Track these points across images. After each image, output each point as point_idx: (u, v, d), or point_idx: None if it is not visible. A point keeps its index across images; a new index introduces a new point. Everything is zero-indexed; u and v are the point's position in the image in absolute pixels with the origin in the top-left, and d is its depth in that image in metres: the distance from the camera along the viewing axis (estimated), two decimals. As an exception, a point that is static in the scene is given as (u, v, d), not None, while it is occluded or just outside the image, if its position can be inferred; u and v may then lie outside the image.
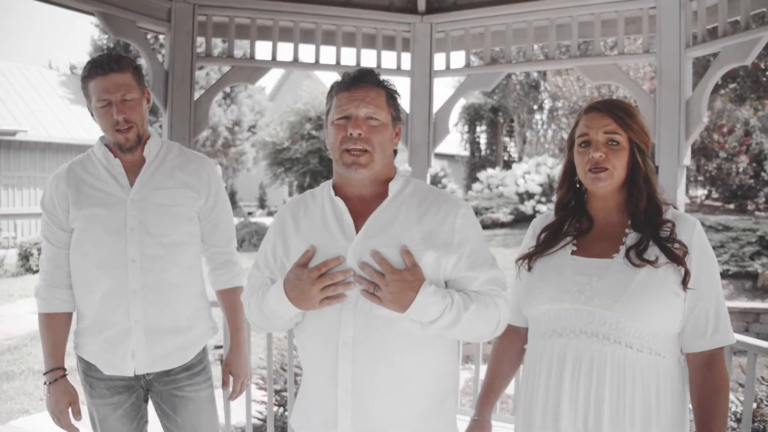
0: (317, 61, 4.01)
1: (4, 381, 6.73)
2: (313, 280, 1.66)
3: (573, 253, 1.88)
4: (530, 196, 17.10)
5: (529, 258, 1.94)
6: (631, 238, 1.82)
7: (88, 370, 2.34)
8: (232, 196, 24.50)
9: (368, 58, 3.97)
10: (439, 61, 4.08)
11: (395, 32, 4.08)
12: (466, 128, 24.82)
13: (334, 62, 4.00)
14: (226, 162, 23.30)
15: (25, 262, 13.78)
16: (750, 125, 15.95)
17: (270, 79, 32.41)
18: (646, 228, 1.81)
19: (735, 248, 10.30)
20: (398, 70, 4.06)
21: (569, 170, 1.96)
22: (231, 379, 2.57)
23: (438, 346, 1.75)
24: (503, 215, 16.45)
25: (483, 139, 25.32)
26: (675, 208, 1.89)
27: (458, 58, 4.05)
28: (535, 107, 23.09)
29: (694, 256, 1.77)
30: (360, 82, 1.77)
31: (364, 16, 3.99)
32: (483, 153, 25.17)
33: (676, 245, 1.77)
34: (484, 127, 25.08)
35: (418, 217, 1.75)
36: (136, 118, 2.25)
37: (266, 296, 1.78)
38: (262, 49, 3.94)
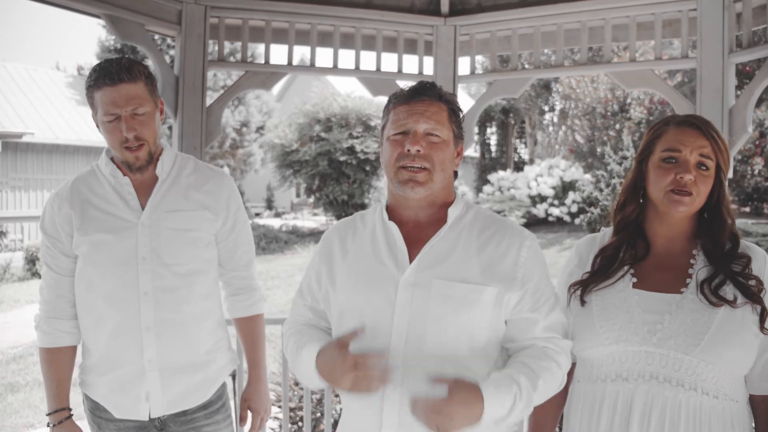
0: (335, 66, 3.80)
1: (9, 393, 6.55)
2: (348, 367, 1.47)
3: (634, 285, 1.70)
4: (543, 198, 16.93)
5: (583, 288, 1.75)
6: (702, 271, 1.65)
7: (96, 410, 2.11)
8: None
9: (389, 62, 3.77)
10: (463, 65, 3.88)
11: (417, 35, 3.88)
12: (476, 130, 24.64)
13: (353, 67, 3.80)
14: (233, 163, 23.16)
15: (32, 266, 13.61)
16: (765, 126, 15.69)
17: (277, 80, 32.21)
18: (721, 261, 1.64)
19: (755, 254, 10.03)
20: (420, 75, 3.85)
21: (638, 185, 1.76)
22: (249, 414, 2.34)
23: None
24: (515, 218, 16.24)
25: (493, 141, 25.16)
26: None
27: (483, 63, 3.85)
28: (546, 108, 22.88)
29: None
30: (420, 95, 1.61)
31: (384, 18, 3.78)
32: (493, 155, 24.99)
33: (752, 281, 1.61)
34: (494, 129, 24.91)
35: (479, 248, 1.57)
36: (148, 135, 2.00)
37: (300, 354, 1.62)
38: (277, 53, 3.75)
